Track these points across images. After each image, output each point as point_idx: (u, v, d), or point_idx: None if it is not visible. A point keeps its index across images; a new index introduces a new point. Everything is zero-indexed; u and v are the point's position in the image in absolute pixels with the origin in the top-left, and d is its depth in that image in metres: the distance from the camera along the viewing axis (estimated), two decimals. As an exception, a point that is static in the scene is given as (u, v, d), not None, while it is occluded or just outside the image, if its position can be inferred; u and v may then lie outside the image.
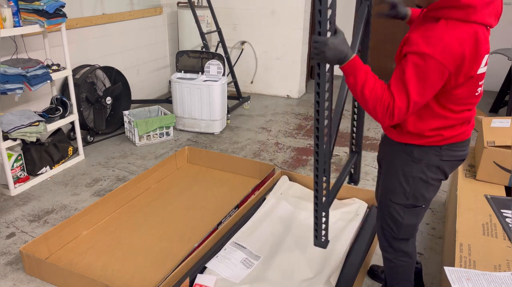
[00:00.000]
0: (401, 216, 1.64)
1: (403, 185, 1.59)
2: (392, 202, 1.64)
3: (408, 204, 1.62)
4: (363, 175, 3.25)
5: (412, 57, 1.30)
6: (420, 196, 1.60)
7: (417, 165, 1.55)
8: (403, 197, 1.61)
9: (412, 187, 1.58)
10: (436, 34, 1.29)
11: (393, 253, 1.75)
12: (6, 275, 2.21)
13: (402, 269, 1.78)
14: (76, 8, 3.76)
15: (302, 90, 5.40)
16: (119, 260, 2.30)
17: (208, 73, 4.03)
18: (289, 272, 2.13)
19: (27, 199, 2.91)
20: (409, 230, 1.68)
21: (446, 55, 1.28)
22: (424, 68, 1.29)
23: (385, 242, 1.76)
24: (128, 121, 3.85)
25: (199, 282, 2.01)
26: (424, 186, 1.58)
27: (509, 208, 2.07)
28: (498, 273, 1.49)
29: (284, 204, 2.65)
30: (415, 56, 1.30)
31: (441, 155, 1.53)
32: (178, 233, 2.55)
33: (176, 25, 5.07)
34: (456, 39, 1.28)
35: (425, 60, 1.28)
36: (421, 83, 1.31)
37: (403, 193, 1.60)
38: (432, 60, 1.28)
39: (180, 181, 3.18)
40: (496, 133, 2.37)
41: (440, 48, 1.27)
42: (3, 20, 2.70)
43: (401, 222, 1.65)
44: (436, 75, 1.30)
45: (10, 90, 2.76)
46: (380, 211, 1.74)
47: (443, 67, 1.29)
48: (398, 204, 1.63)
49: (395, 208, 1.65)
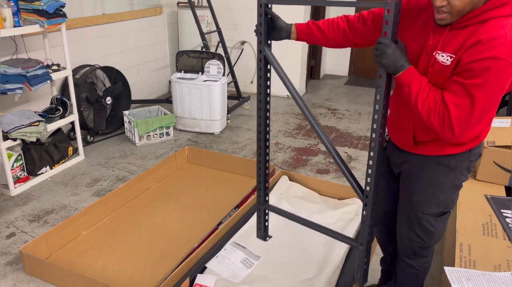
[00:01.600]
0: (433, 225, 1.60)
1: (437, 196, 1.55)
2: (424, 213, 1.59)
3: (439, 212, 1.58)
4: (362, 174, 3.24)
5: (477, 64, 1.23)
6: (451, 202, 1.58)
7: (452, 173, 1.52)
8: (435, 207, 1.57)
9: (446, 195, 1.55)
10: (495, 35, 1.22)
11: (417, 260, 1.71)
12: (6, 275, 2.21)
13: (424, 271, 1.75)
14: (76, 8, 3.76)
15: (302, 90, 5.40)
16: (119, 260, 2.30)
17: (208, 73, 4.03)
18: (289, 272, 2.13)
19: (27, 199, 2.91)
20: (439, 236, 1.66)
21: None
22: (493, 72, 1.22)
23: (410, 251, 1.70)
24: (128, 121, 3.85)
25: (199, 282, 2.01)
26: (455, 191, 1.57)
27: (509, 208, 2.07)
28: (498, 273, 1.49)
29: (284, 204, 2.65)
30: (482, 62, 1.23)
31: (470, 156, 1.51)
32: (178, 233, 2.55)
33: (176, 25, 5.07)
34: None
35: (494, 64, 1.21)
36: (488, 88, 1.24)
37: (436, 203, 1.56)
38: (502, 62, 1.21)
39: (180, 181, 3.18)
40: (496, 133, 2.37)
41: (507, 47, 1.20)
42: (3, 20, 2.70)
43: (433, 231, 1.62)
44: (506, 77, 1.24)
45: (10, 90, 2.76)
46: (407, 224, 1.65)
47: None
48: (430, 215, 1.59)
49: (427, 219, 1.60)
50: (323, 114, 4.70)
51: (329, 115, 4.67)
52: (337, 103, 5.11)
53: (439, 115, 1.29)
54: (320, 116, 4.64)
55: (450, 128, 1.29)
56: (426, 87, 1.32)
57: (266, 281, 2.05)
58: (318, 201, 2.73)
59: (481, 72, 1.23)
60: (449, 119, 1.28)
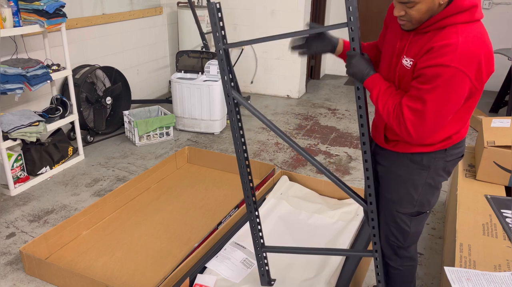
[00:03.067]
0: (408, 225, 1.61)
1: (411, 194, 1.56)
2: (399, 212, 1.60)
3: (414, 212, 1.59)
4: (361, 174, 3.24)
5: (428, 71, 1.27)
6: (426, 202, 1.58)
7: (426, 172, 1.52)
8: (410, 206, 1.58)
9: (420, 194, 1.55)
10: (446, 42, 1.25)
11: (398, 261, 1.72)
12: (6, 275, 2.21)
13: (408, 273, 1.76)
14: (76, 8, 3.76)
15: (302, 90, 5.40)
16: (119, 260, 2.30)
17: (208, 73, 4.03)
18: (289, 272, 2.13)
19: (27, 199, 2.91)
20: (415, 237, 1.67)
21: (464, 62, 1.23)
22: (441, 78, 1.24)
23: (390, 251, 1.72)
24: (128, 121, 3.84)
25: (199, 282, 2.01)
26: (431, 191, 1.57)
27: (509, 208, 2.07)
28: (498, 273, 1.49)
29: (284, 204, 2.64)
30: (432, 69, 1.26)
31: (446, 157, 1.51)
32: (178, 233, 2.55)
33: (176, 25, 5.07)
34: (471, 42, 1.23)
35: (443, 71, 1.24)
36: (438, 94, 1.26)
37: (410, 202, 1.57)
38: (450, 70, 1.23)
39: (180, 181, 3.18)
40: (496, 133, 2.37)
41: (458, 55, 1.22)
42: (3, 20, 2.70)
43: (408, 231, 1.62)
44: (456, 84, 1.25)
45: (10, 90, 2.76)
46: (384, 222, 1.68)
47: (463, 74, 1.24)
48: (405, 214, 1.60)
49: (401, 218, 1.61)
50: (323, 114, 4.70)
51: (329, 115, 4.67)
52: (337, 103, 5.11)
53: (397, 118, 1.35)
54: (320, 116, 4.64)
55: (406, 130, 1.34)
56: (387, 91, 1.39)
57: (266, 281, 2.05)
58: (318, 201, 2.73)
59: (431, 78, 1.26)
60: (404, 122, 1.33)
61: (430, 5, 1.27)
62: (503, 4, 5.22)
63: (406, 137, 1.36)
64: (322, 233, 2.40)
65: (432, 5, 1.27)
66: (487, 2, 5.25)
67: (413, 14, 1.30)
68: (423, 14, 1.29)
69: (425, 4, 1.26)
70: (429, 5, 1.27)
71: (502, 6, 5.23)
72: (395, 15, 1.35)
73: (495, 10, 5.27)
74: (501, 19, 5.26)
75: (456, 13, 1.27)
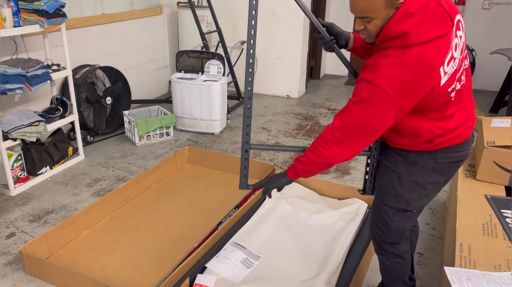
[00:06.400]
0: (391, 219, 1.64)
1: (396, 188, 1.59)
2: (384, 204, 1.64)
3: (400, 207, 1.62)
4: (361, 174, 3.24)
5: (357, 84, 1.39)
6: (413, 201, 1.60)
7: (413, 168, 1.55)
8: (395, 200, 1.61)
9: (406, 190, 1.58)
10: (374, 61, 1.35)
11: (384, 255, 1.76)
12: (6, 275, 2.21)
13: (394, 270, 1.78)
14: (76, 8, 3.76)
15: (302, 90, 5.40)
16: (119, 260, 2.30)
17: (208, 73, 4.03)
18: (289, 272, 2.13)
19: (27, 199, 2.91)
20: (398, 234, 1.68)
21: (387, 82, 1.30)
22: (364, 93, 1.34)
23: (376, 244, 1.77)
24: (128, 121, 3.85)
25: (199, 282, 2.01)
26: (417, 190, 1.58)
27: (509, 208, 2.07)
28: (498, 273, 1.49)
29: (284, 204, 2.65)
30: (358, 83, 1.38)
31: (436, 158, 1.52)
32: (178, 233, 2.55)
33: (176, 25, 5.07)
34: (395, 65, 1.30)
35: (365, 86, 1.34)
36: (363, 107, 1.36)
37: (395, 195, 1.60)
38: (371, 86, 1.32)
39: (180, 181, 3.18)
40: (496, 133, 2.37)
41: (378, 74, 1.31)
42: (3, 20, 2.70)
43: (390, 225, 1.65)
44: (378, 101, 1.33)
45: (10, 90, 2.76)
46: (372, 213, 1.76)
47: (384, 93, 1.31)
48: (389, 207, 1.63)
49: (385, 210, 1.65)
50: (323, 114, 4.70)
51: (329, 115, 4.67)
52: (337, 103, 5.11)
53: (321, 139, 1.47)
54: (320, 116, 4.64)
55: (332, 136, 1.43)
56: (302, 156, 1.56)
57: (266, 281, 2.05)
58: (318, 201, 2.73)
59: (358, 91, 1.38)
60: (330, 130, 1.43)
61: (384, 21, 1.34)
62: (503, 4, 5.22)
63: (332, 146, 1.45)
64: (322, 233, 2.41)
65: (386, 20, 1.35)
66: (487, 2, 5.25)
67: (371, 28, 1.38)
68: (379, 28, 1.37)
69: (380, 20, 1.34)
70: (384, 21, 1.34)
71: (502, 6, 5.23)
72: (356, 29, 1.43)
73: (495, 10, 5.27)
74: (501, 19, 5.26)
75: (389, 39, 1.35)
